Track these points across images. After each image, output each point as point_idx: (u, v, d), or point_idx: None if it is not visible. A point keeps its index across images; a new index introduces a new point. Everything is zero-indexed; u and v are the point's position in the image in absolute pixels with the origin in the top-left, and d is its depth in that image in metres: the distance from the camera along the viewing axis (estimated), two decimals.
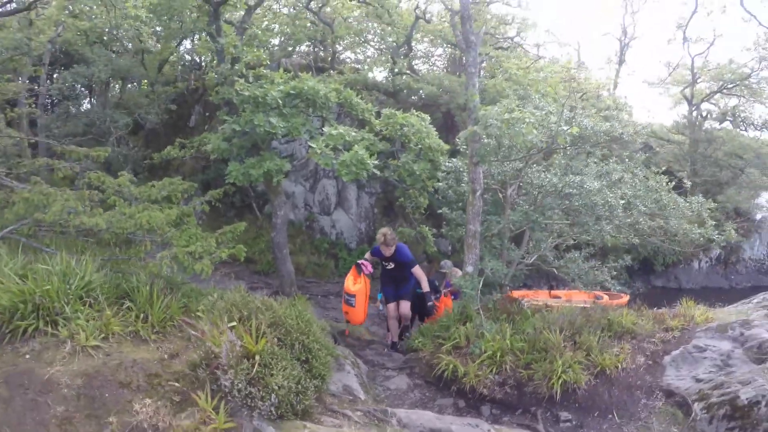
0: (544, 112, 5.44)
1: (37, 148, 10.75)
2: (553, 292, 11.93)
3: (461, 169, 6.68)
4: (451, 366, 5.11)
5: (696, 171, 15.87)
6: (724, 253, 15.26)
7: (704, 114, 18.80)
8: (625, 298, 10.89)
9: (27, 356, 3.92)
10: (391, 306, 6.91)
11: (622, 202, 5.30)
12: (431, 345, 5.63)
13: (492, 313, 5.70)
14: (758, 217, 15.69)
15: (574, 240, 7.01)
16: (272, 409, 3.58)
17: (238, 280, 8.67)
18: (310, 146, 6.37)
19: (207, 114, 12.94)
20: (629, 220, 6.17)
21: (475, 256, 5.86)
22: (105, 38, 11.62)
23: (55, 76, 11.74)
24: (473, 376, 4.95)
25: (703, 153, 16.03)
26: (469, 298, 5.52)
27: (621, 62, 20.69)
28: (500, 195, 6.63)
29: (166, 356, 4.23)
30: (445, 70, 13.93)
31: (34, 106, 10.05)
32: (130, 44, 12.55)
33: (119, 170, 7.03)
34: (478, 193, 5.75)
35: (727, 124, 18.28)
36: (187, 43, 13.04)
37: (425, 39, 13.63)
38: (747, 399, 4.64)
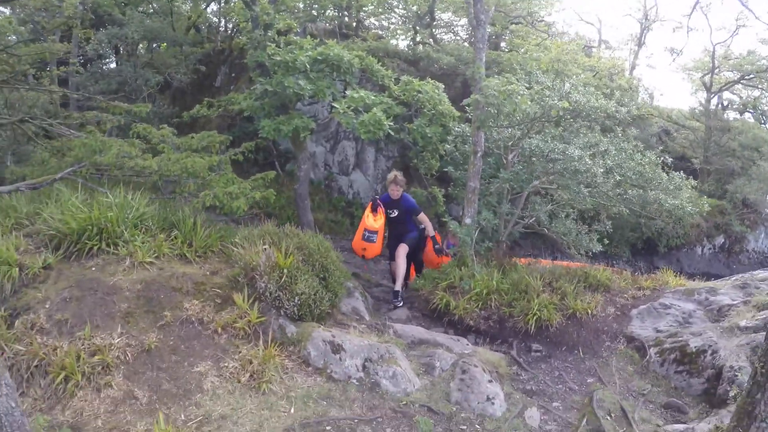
0: (541, 86, 6.36)
1: (68, 105, 11.89)
2: (555, 262, 12.86)
3: (467, 133, 7.64)
4: (444, 300, 6.18)
5: (708, 158, 16.45)
6: (729, 242, 15.82)
7: (725, 103, 19.19)
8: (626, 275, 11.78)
9: (93, 269, 5.05)
10: (393, 264, 7.34)
11: (602, 170, 6.20)
12: (429, 285, 6.69)
13: (485, 260, 6.76)
14: (767, 210, 16.16)
15: (573, 208, 7.94)
16: (295, 309, 4.69)
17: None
18: (333, 107, 7.35)
19: (233, 75, 13.92)
20: (619, 190, 7.09)
21: (473, 210, 6.88)
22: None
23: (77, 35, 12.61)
24: (462, 309, 6.02)
25: (717, 141, 16.54)
26: (464, 244, 6.57)
27: (641, 44, 20.94)
28: (503, 159, 7.59)
29: (208, 272, 5.37)
30: (467, 42, 14.68)
31: (72, 65, 11.13)
32: (155, 5, 13.46)
33: (149, 125, 8.20)
34: (478, 155, 6.73)
35: (748, 116, 18.68)
36: (213, 6, 14.03)
37: (449, 9, 14.33)
38: (695, 347, 5.50)
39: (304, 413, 3.86)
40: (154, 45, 13.90)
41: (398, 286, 6.92)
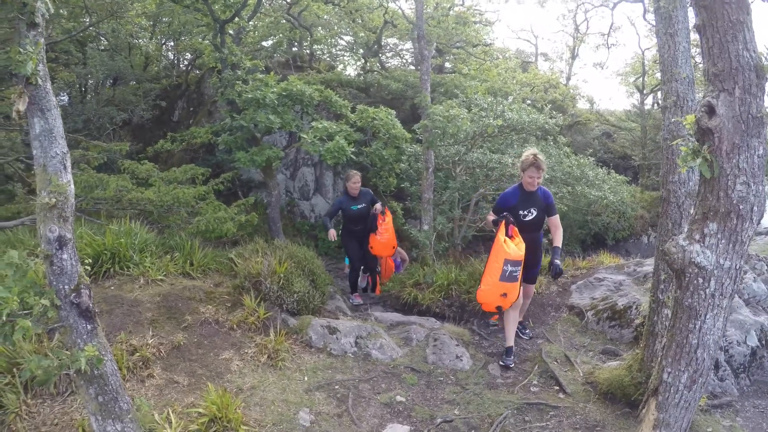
0: (478, 109, 8.05)
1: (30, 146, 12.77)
2: None
3: (419, 153, 9.23)
4: (412, 294, 7.65)
5: (646, 155, 18.76)
6: None
7: (660, 102, 21.79)
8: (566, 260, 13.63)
9: (112, 288, 6.21)
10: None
11: None
12: (398, 286, 8.16)
13: (443, 258, 8.29)
14: None
15: None
16: (294, 305, 6.04)
17: None
18: (300, 137, 8.78)
19: (191, 109, 15.15)
20: (554, 189, 8.78)
21: (429, 218, 8.42)
22: (82, 36, 13.51)
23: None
24: (428, 300, 7.49)
25: (653, 138, 18.87)
26: (424, 246, 8.09)
27: (574, 56, 23.67)
28: (452, 173, 9.21)
29: (212, 285, 6.64)
30: (412, 65, 16.47)
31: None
32: (109, 40, 14.54)
33: (115, 161, 9.37)
34: (430, 170, 8.31)
35: None
36: (169, 42, 15.32)
37: (395, 35, 16.08)
38: (623, 305, 7.09)
39: (316, 379, 5.19)
40: (109, 83, 14.95)
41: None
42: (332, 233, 7.87)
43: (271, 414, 4.51)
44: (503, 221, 5.59)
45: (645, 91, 20.38)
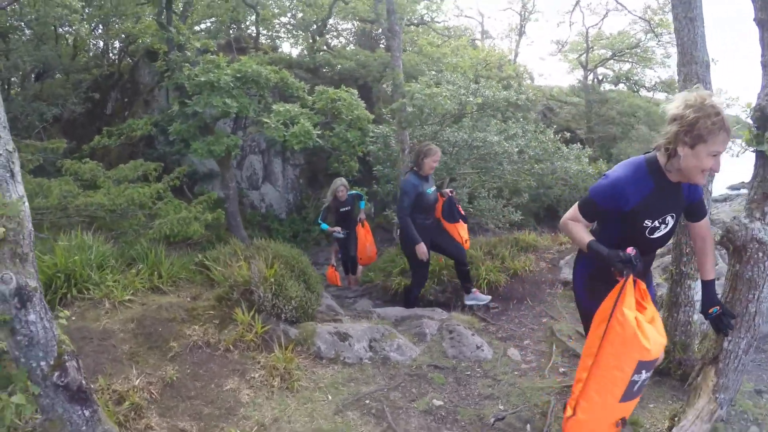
0: (455, 87, 7.38)
1: None
2: None
3: (388, 134, 8.45)
4: (402, 284, 6.96)
5: (591, 128, 18.96)
6: None
7: (600, 78, 22.26)
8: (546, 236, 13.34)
9: (73, 318, 4.94)
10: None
11: (517, 149, 7.34)
12: (381, 275, 7.44)
13: None
14: None
15: (486, 190, 9.07)
16: (293, 313, 5.16)
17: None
18: (262, 121, 7.75)
19: (125, 100, 13.48)
20: (527, 166, 8.32)
21: None
22: (3, 27, 11.62)
23: None
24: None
25: (597, 112, 19.11)
26: None
27: (521, 34, 23.69)
28: None
29: (189, 298, 5.59)
30: (355, 44, 15.48)
31: None
32: (31, 30, 12.56)
33: (51, 163, 7.96)
34: (406, 151, 7.60)
35: (622, 87, 21.85)
36: (98, 30, 13.47)
37: (338, 15, 14.99)
38: None
39: (341, 396, 4.38)
40: (34, 75, 13.02)
41: None
42: (423, 249, 5.88)
43: None
44: (624, 268, 2.52)
45: (588, 67, 20.67)
